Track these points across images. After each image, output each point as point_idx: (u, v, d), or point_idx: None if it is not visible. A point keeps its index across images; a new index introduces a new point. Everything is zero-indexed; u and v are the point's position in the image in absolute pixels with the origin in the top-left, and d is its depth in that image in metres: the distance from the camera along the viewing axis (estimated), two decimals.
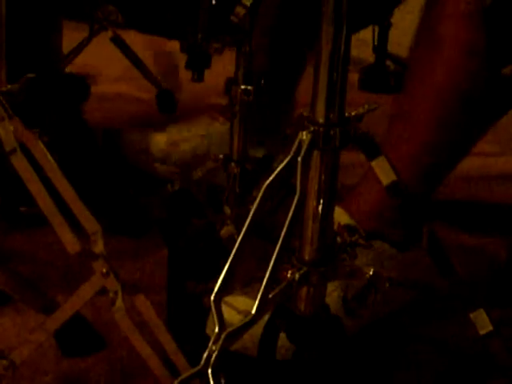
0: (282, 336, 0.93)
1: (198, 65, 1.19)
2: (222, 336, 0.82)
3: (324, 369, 0.92)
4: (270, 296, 0.85)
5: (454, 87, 1.19)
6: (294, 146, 0.84)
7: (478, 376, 1.13)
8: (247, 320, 0.83)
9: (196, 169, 1.26)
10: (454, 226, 1.50)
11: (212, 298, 0.83)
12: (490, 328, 0.97)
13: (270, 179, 0.85)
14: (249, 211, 0.85)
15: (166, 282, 1.18)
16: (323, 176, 0.86)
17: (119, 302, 0.95)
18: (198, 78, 1.21)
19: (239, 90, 1.19)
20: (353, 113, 0.86)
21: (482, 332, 0.97)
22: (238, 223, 1.19)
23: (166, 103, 2.00)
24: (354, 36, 0.83)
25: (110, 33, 2.02)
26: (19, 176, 0.92)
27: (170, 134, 1.60)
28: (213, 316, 0.82)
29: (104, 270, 0.94)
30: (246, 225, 0.85)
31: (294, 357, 0.92)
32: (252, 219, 0.85)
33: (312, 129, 0.84)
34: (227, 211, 1.21)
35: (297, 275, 0.88)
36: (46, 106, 1.41)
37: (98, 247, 0.94)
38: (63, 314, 0.96)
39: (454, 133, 1.22)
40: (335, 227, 0.92)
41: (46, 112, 1.41)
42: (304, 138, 0.84)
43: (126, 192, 1.49)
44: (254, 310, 0.83)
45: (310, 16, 1.54)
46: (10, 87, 0.95)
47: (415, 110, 1.23)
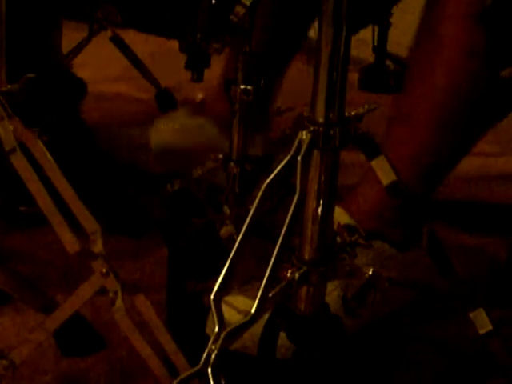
0: (282, 335, 0.93)
1: (197, 65, 1.19)
2: (222, 335, 0.82)
3: (324, 368, 0.92)
4: (270, 295, 0.85)
5: (453, 88, 1.19)
6: (294, 146, 0.84)
7: (477, 376, 1.13)
8: (247, 319, 0.83)
9: (196, 167, 1.25)
10: (453, 226, 1.50)
11: (212, 297, 0.83)
12: (489, 327, 0.97)
13: (269, 179, 0.85)
14: (248, 211, 0.85)
15: (165, 282, 1.18)
16: (323, 176, 0.86)
17: (119, 301, 0.95)
18: (198, 78, 1.20)
19: (239, 90, 1.18)
20: (353, 113, 0.87)
21: (481, 331, 0.97)
22: (238, 223, 1.19)
23: (166, 103, 2.00)
24: (353, 36, 0.83)
25: (109, 32, 2.02)
26: (19, 175, 0.92)
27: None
28: (213, 315, 0.82)
29: (103, 270, 0.94)
30: (245, 224, 0.85)
31: (294, 356, 0.92)
32: (252, 219, 0.85)
33: (312, 128, 0.84)
34: (227, 211, 1.21)
35: (297, 274, 0.88)
36: (46, 105, 1.41)
37: (98, 247, 0.94)
38: (63, 313, 0.96)
39: (454, 133, 1.22)
40: (335, 227, 0.92)
41: (46, 112, 1.41)
42: (304, 137, 0.84)
43: (125, 192, 1.49)
44: (253, 310, 0.83)
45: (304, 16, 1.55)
46: (9, 87, 0.95)
47: (415, 110, 1.23)
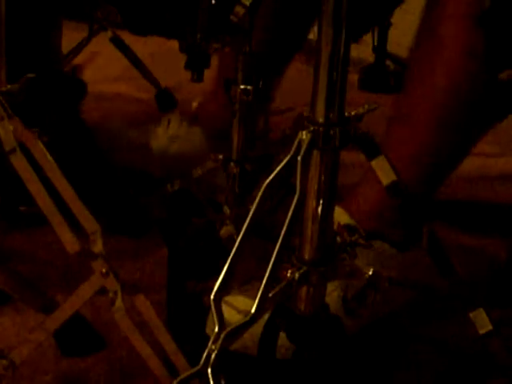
0: (282, 335, 0.93)
1: (197, 65, 1.19)
2: (222, 335, 0.82)
3: (324, 368, 0.92)
4: (270, 295, 0.85)
5: (453, 88, 1.19)
6: (294, 146, 0.84)
7: (477, 376, 1.13)
8: (247, 319, 0.83)
9: (196, 167, 1.25)
10: (453, 226, 1.50)
11: (212, 297, 0.83)
12: (489, 327, 0.97)
13: (269, 179, 0.85)
14: (248, 211, 0.85)
15: (165, 282, 1.18)
16: (323, 176, 0.86)
17: (119, 301, 0.95)
18: (198, 78, 1.20)
19: (239, 90, 1.18)
20: (353, 113, 0.86)
21: (481, 331, 0.97)
22: (238, 223, 1.19)
23: (166, 103, 2.00)
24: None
25: (109, 33, 2.02)
26: (19, 175, 0.92)
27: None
28: (213, 315, 0.82)
29: (103, 270, 0.94)
30: (245, 224, 0.85)
31: (294, 356, 0.92)
32: (252, 219, 0.85)
33: (312, 128, 0.84)
34: (227, 211, 1.21)
35: (297, 275, 0.88)
36: (46, 105, 1.41)
37: (98, 247, 0.94)
38: (63, 313, 0.96)
39: (454, 133, 1.22)
40: (335, 227, 0.92)
41: (46, 112, 1.41)
42: (304, 137, 0.84)
43: (125, 192, 1.49)
44: (253, 310, 0.83)
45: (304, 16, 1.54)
46: (9, 87, 0.95)
47: (415, 110, 1.23)
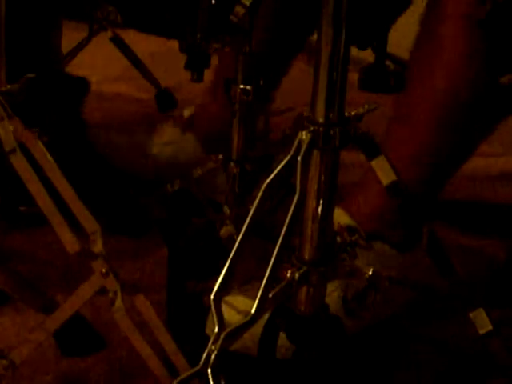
0: (282, 335, 0.93)
1: (197, 65, 1.19)
2: (222, 336, 0.82)
3: (324, 369, 0.92)
4: (270, 295, 0.85)
5: (453, 90, 1.19)
6: (294, 146, 0.84)
7: (477, 376, 1.13)
8: (247, 319, 0.83)
9: (196, 168, 1.25)
10: (453, 226, 1.50)
11: (212, 297, 0.83)
12: (489, 327, 0.97)
13: (269, 179, 0.85)
14: (248, 211, 0.85)
15: (165, 282, 1.18)
16: (323, 176, 0.86)
17: (119, 301, 0.95)
18: (198, 78, 1.20)
19: (238, 90, 1.18)
20: (353, 113, 0.86)
21: (481, 331, 0.97)
22: (238, 223, 1.19)
23: (166, 103, 2.00)
24: None
25: (109, 33, 2.02)
26: (19, 176, 0.92)
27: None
28: (213, 315, 0.82)
29: (103, 270, 0.94)
30: (245, 224, 0.85)
31: (294, 356, 0.92)
32: (252, 219, 0.85)
33: (312, 128, 0.84)
34: (227, 211, 1.21)
35: (297, 275, 0.88)
36: (46, 105, 1.41)
37: (98, 247, 0.94)
38: (63, 313, 0.96)
39: (454, 134, 1.22)
40: (335, 228, 0.92)
41: (46, 112, 1.41)
42: (304, 137, 0.84)
43: (125, 192, 1.49)
44: (253, 310, 0.83)
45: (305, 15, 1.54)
46: (9, 87, 0.95)
47: (415, 111, 1.23)
